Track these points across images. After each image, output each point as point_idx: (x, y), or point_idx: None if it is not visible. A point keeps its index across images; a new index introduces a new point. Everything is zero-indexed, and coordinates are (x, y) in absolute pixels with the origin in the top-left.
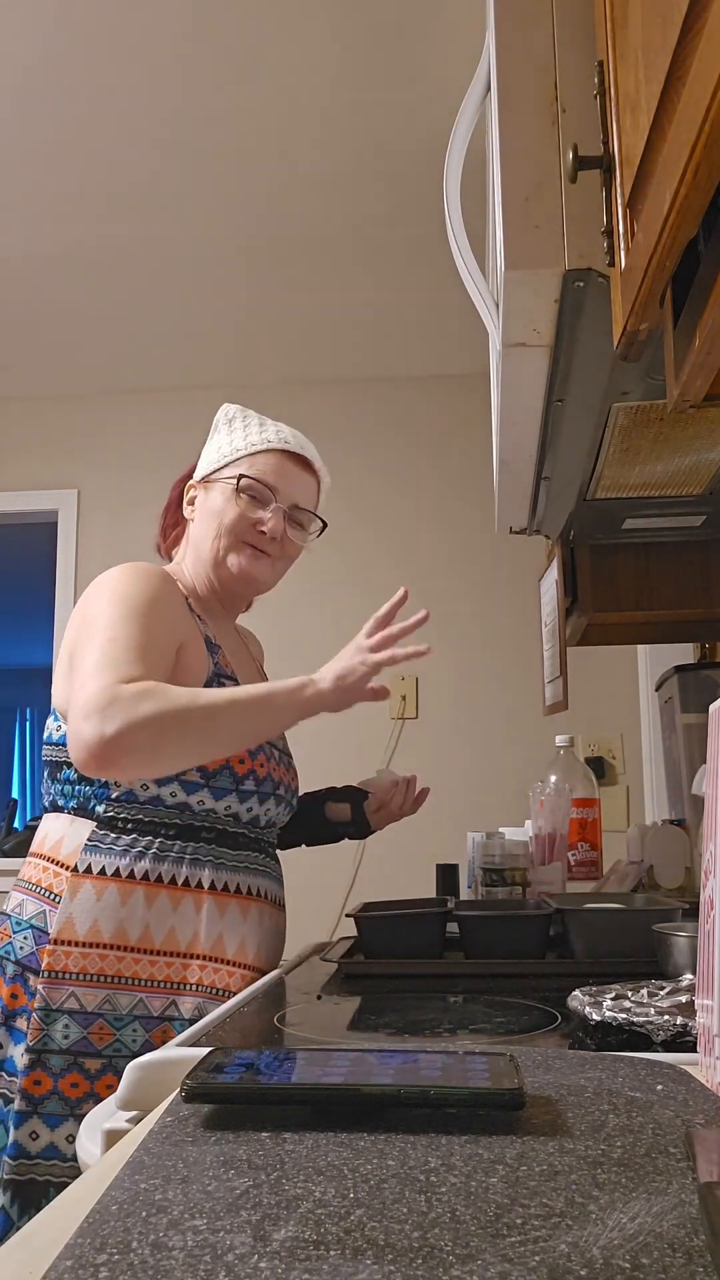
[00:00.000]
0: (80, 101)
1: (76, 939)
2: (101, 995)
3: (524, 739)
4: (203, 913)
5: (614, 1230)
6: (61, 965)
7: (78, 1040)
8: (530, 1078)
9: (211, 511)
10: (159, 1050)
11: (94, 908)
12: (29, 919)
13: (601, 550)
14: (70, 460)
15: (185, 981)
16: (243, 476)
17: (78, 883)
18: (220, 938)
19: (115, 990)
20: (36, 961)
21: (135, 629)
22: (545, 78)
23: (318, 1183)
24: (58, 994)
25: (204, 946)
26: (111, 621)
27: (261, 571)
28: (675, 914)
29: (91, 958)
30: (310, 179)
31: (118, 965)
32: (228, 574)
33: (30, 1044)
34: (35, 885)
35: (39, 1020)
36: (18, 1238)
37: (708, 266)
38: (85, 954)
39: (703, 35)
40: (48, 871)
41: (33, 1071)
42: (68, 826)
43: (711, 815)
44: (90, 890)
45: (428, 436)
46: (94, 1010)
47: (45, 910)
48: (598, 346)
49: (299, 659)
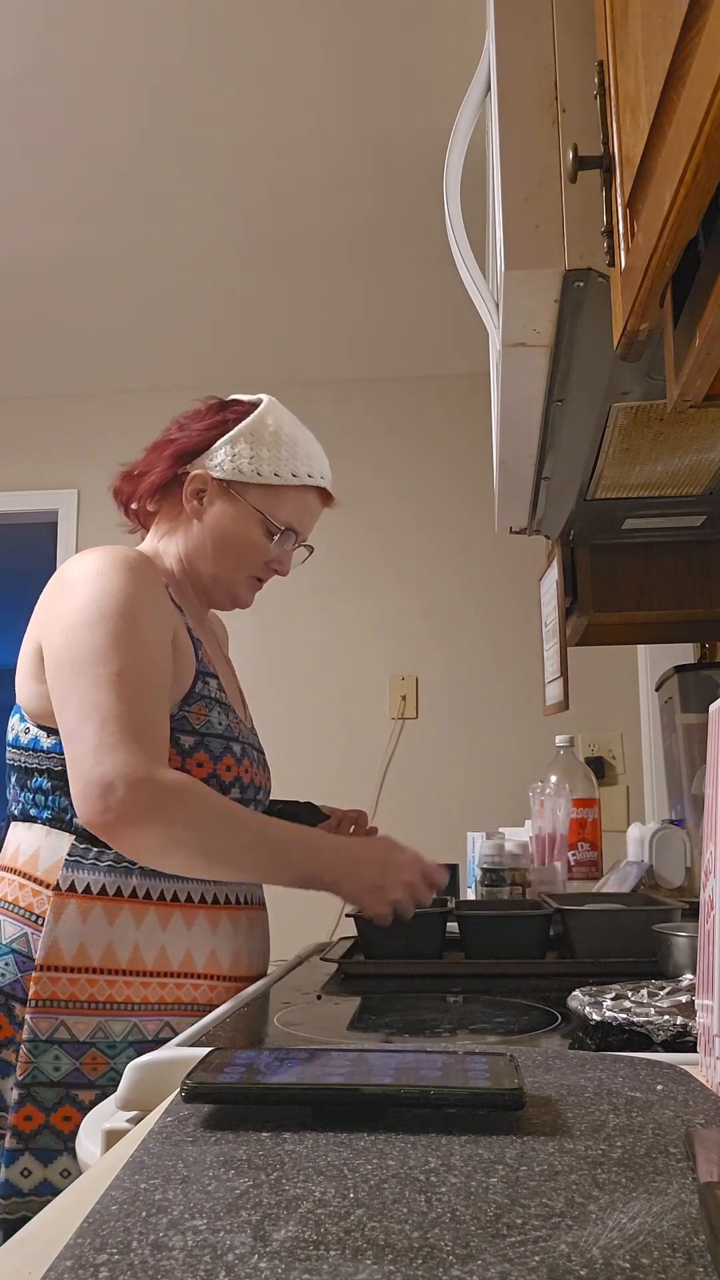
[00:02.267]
0: (80, 102)
1: (64, 963)
2: (94, 1023)
3: (524, 739)
4: (195, 929)
5: (614, 1230)
6: (49, 993)
7: (70, 1072)
8: (530, 1078)
9: (230, 532)
10: (159, 1050)
11: (80, 929)
12: (8, 942)
13: (601, 550)
14: (70, 460)
15: (179, 1001)
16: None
17: (62, 902)
18: (214, 954)
19: (108, 1016)
20: (22, 989)
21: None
22: (545, 78)
23: (318, 1183)
24: (46, 1023)
25: (199, 965)
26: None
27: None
28: (675, 914)
29: (80, 983)
30: (310, 180)
31: (109, 990)
32: (226, 598)
33: (20, 1078)
34: (12, 904)
35: (28, 1052)
36: (18, 1238)
37: (708, 266)
38: (74, 979)
39: (703, 35)
40: (25, 889)
41: (23, 1107)
42: (43, 839)
43: (711, 815)
44: (75, 910)
45: (427, 436)
46: (86, 1039)
47: (27, 933)
48: (598, 346)
49: (299, 659)
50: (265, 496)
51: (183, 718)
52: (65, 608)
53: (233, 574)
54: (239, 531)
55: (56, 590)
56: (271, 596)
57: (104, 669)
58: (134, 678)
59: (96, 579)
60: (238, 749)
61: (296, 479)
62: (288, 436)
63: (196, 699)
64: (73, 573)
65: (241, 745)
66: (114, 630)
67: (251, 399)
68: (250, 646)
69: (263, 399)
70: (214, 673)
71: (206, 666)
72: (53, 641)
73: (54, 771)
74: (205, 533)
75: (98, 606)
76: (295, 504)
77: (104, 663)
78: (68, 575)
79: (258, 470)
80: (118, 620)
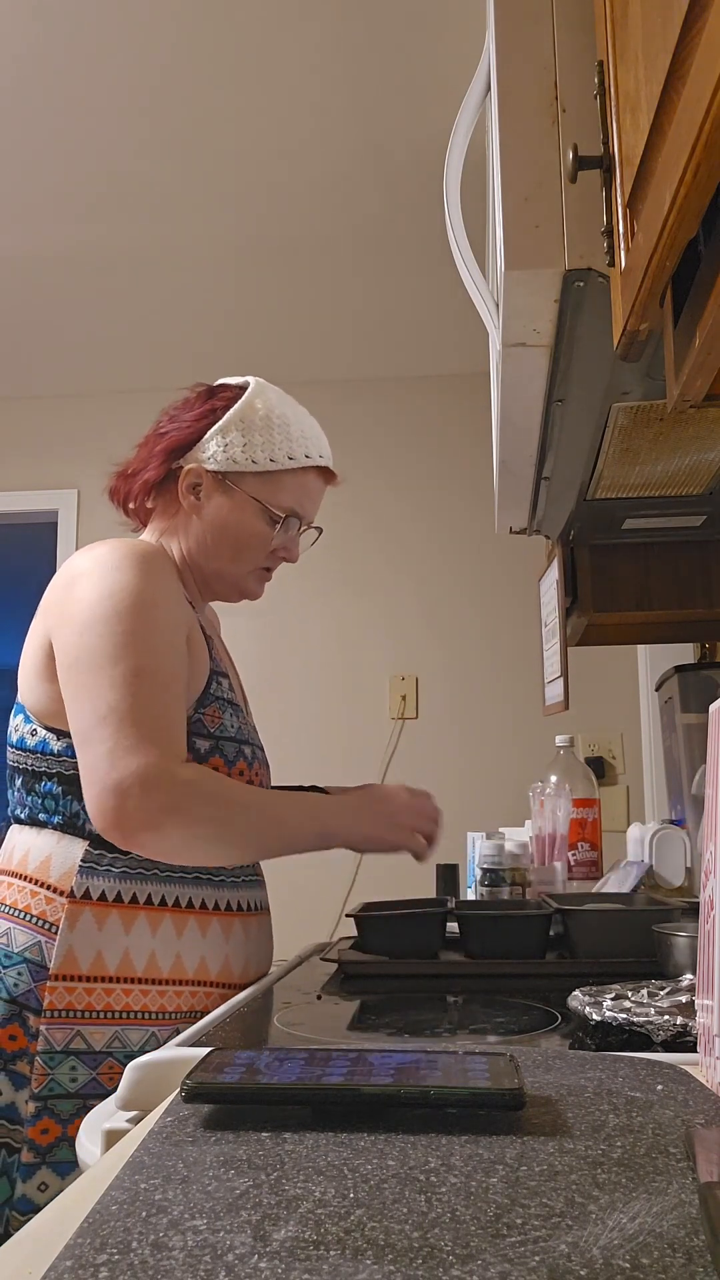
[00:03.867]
0: (80, 102)
1: (80, 972)
2: (110, 1032)
3: (524, 739)
4: (209, 935)
5: (614, 1230)
6: (65, 1003)
7: (86, 1083)
8: (530, 1078)
9: (230, 524)
10: (159, 1050)
11: (97, 938)
12: (21, 951)
13: (601, 550)
14: (70, 460)
15: (194, 1010)
16: (282, 509)
17: (77, 910)
18: (228, 960)
19: (124, 1025)
20: (36, 1000)
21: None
22: (545, 78)
23: (318, 1183)
24: (62, 1034)
25: (214, 972)
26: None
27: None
28: (675, 914)
29: (97, 992)
30: (310, 179)
31: (125, 999)
32: (233, 592)
33: (35, 1090)
34: (23, 912)
35: (43, 1064)
36: (18, 1238)
37: (708, 266)
38: (90, 989)
39: (703, 35)
40: (37, 896)
41: (40, 1120)
42: (54, 844)
43: (711, 815)
44: (90, 918)
45: (427, 436)
46: (103, 1049)
47: (40, 941)
48: (598, 346)
49: (299, 659)
50: (262, 484)
51: (198, 720)
52: (77, 603)
53: (238, 567)
54: (239, 522)
55: (65, 584)
56: (272, 596)
57: (119, 669)
58: (149, 676)
59: (111, 573)
60: (249, 752)
61: (293, 461)
62: (279, 418)
63: (211, 700)
64: (83, 565)
65: (251, 748)
66: (129, 628)
67: (239, 382)
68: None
69: (250, 382)
70: (225, 671)
71: (219, 665)
72: (64, 639)
73: (65, 776)
74: (205, 527)
75: (112, 602)
76: (294, 487)
77: (119, 661)
78: (77, 568)
79: (252, 458)
80: (132, 617)
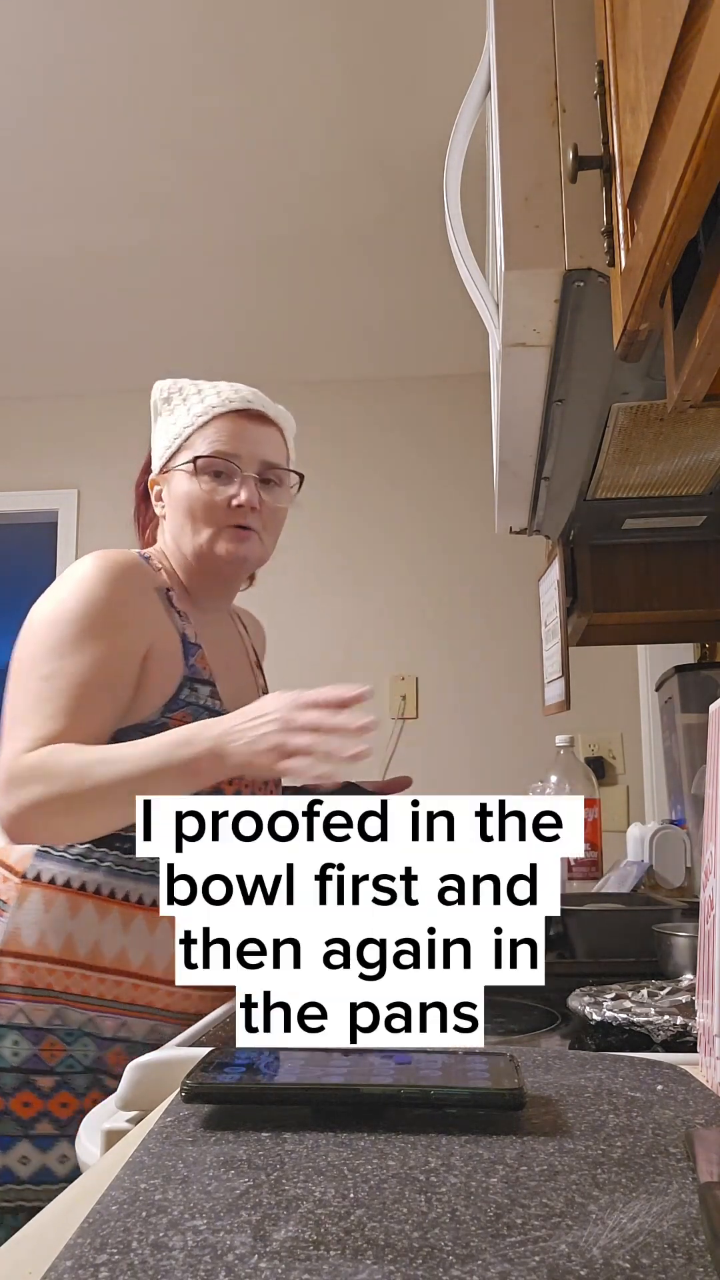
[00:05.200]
0: (81, 102)
1: (24, 950)
2: (51, 1010)
3: (524, 739)
4: (157, 934)
5: (614, 1230)
6: (8, 978)
7: (29, 1058)
8: (530, 1078)
9: (179, 501)
10: (159, 1050)
11: (41, 918)
12: None
13: (601, 550)
14: (70, 460)
15: (135, 1003)
16: (199, 457)
17: (26, 890)
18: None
19: (65, 1005)
20: None
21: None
22: (545, 78)
23: (318, 1183)
24: (6, 1009)
25: (159, 969)
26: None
27: (251, 550)
28: (675, 914)
29: (39, 971)
30: (310, 179)
31: (65, 981)
32: (218, 561)
33: None
34: None
35: None
36: (18, 1238)
37: (708, 266)
38: (32, 967)
39: (703, 35)
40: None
41: None
42: None
43: (711, 815)
44: (39, 899)
45: (428, 436)
46: (44, 1026)
47: None
48: (598, 346)
49: (299, 660)
50: (186, 455)
51: (162, 725)
52: (33, 612)
53: (200, 536)
54: (179, 495)
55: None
56: (272, 596)
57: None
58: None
59: (74, 584)
60: None
61: (201, 418)
62: (175, 391)
63: (181, 705)
64: (64, 578)
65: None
66: (62, 635)
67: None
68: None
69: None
70: (209, 680)
71: (199, 673)
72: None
73: None
74: (169, 520)
75: (55, 612)
76: (211, 437)
77: (36, 668)
78: (57, 584)
79: (170, 438)
80: (68, 625)
